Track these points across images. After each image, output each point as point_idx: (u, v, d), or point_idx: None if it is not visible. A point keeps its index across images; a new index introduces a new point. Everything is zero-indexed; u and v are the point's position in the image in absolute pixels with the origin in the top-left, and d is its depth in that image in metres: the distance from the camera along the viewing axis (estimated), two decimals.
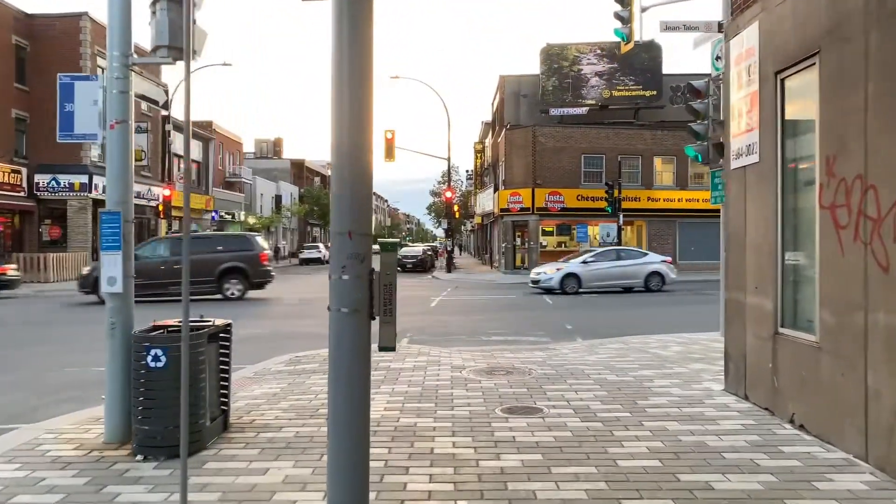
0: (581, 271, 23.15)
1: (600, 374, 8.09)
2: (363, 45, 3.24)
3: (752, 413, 6.20)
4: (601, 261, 23.73)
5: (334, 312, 3.24)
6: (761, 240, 6.36)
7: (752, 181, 6.56)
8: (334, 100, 3.23)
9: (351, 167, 3.23)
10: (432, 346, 10.83)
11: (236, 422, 6.07)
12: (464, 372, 8.32)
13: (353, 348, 3.24)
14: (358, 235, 3.23)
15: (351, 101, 3.22)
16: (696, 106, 12.07)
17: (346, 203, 3.23)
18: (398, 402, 6.75)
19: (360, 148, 3.23)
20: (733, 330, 7.03)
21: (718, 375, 7.91)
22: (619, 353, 9.77)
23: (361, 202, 3.26)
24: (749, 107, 6.60)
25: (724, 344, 7.29)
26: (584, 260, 23.93)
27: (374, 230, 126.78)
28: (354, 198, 3.24)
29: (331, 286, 3.26)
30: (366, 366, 3.31)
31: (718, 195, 12.00)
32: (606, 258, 23.98)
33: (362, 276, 3.24)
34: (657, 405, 6.55)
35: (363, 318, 3.25)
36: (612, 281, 23.20)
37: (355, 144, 3.23)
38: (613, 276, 23.31)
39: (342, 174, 3.23)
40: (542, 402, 6.72)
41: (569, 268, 23.41)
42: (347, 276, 3.22)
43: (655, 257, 24.87)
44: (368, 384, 3.37)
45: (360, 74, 3.23)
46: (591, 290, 22.84)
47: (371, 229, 3.34)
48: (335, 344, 3.26)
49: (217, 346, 5.80)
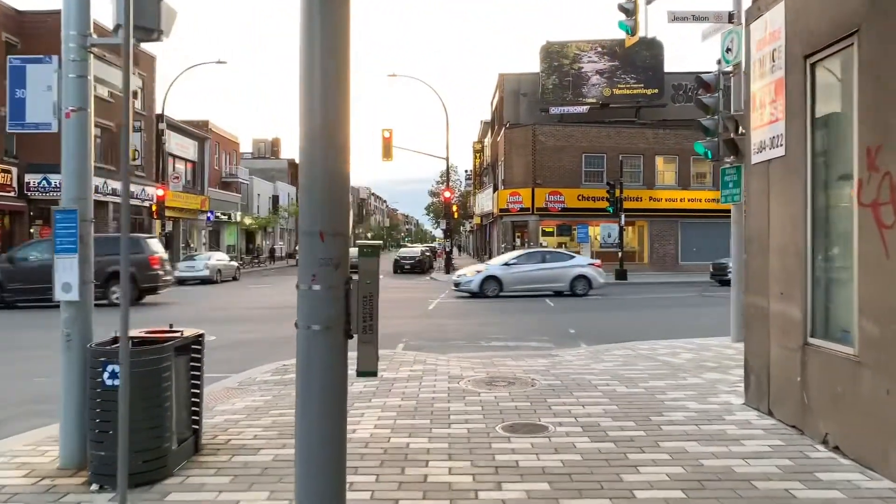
0: (502, 274, 22.10)
1: (608, 385, 7.53)
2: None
3: (779, 431, 5.64)
4: (525, 263, 22.60)
5: (303, 330, 2.68)
6: (787, 241, 5.80)
7: (777, 176, 5.99)
8: (303, 65, 2.68)
9: (323, 151, 2.66)
10: (429, 353, 10.27)
11: (210, 442, 5.50)
12: (462, 382, 7.75)
13: (326, 373, 2.67)
14: (331, 236, 2.66)
15: (324, 68, 2.66)
16: (706, 100, 11.51)
17: (317, 196, 2.67)
18: (390, 419, 6.18)
19: (334, 127, 2.67)
20: (754, 339, 6.46)
21: (736, 387, 7.35)
22: (626, 361, 9.20)
23: (336, 195, 2.69)
24: (773, 96, 6.03)
25: (744, 354, 6.72)
26: (506, 262, 22.83)
27: (373, 231, 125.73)
28: (327, 190, 2.67)
29: (299, 298, 2.70)
30: (340, 394, 2.75)
31: (729, 194, 11.45)
32: (531, 260, 22.82)
33: (336, 287, 2.68)
34: (673, 421, 5.99)
35: (337, 336, 2.69)
36: (535, 284, 22.07)
37: (329, 123, 2.67)
38: (536, 279, 22.16)
39: (312, 160, 2.67)
40: (547, 417, 6.15)
41: (489, 270, 22.46)
42: (319, 286, 2.65)
43: (583, 260, 23.69)
44: (344, 416, 2.81)
45: (335, 33, 2.66)
46: (514, 295, 21.77)
47: (348, 229, 2.77)
48: (304, 368, 2.70)
49: (188, 358, 5.23)
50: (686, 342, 11.15)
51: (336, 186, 2.67)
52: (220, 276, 31.66)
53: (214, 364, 9.66)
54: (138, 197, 35.96)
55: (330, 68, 2.64)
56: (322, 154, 2.65)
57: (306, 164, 2.67)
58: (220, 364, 9.75)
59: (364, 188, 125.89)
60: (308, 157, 2.67)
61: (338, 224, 2.67)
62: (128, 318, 3.25)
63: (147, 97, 37.89)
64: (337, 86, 2.65)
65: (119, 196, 34.01)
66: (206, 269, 30.42)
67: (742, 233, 11.67)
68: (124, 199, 3.01)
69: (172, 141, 40.25)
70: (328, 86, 2.64)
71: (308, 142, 2.66)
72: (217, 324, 15.00)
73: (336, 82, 2.64)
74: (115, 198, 33.77)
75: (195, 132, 44.51)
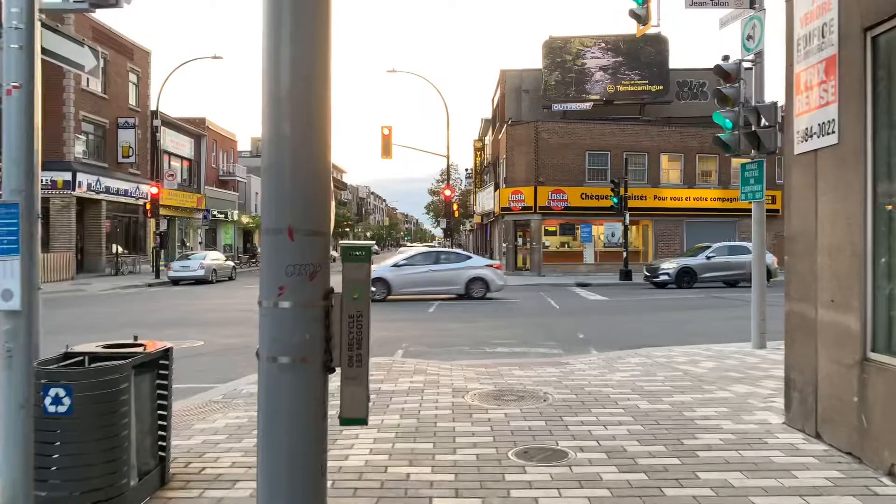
0: (390, 276, 20.86)
1: (629, 400, 6.81)
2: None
3: (833, 460, 4.92)
4: (417, 264, 21.43)
5: (266, 364, 1.97)
6: (841, 240, 5.08)
7: (828, 167, 5.28)
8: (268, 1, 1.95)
9: (295, 118, 1.95)
10: (430, 360, 9.56)
11: (180, 472, 4.79)
12: (467, 396, 7.04)
13: (297, 425, 1.96)
14: (305, 235, 1.95)
15: (295, 7, 1.93)
16: (725, 91, 10.77)
17: (287, 181, 1.95)
18: (388, 441, 5.47)
19: (309, 85, 1.95)
20: (798, 352, 5.74)
21: (770, 402, 6.65)
22: (644, 371, 8.49)
23: (311, 180, 1.98)
24: (822, 76, 5.32)
25: (785, 368, 6.01)
26: (396, 263, 21.63)
27: (372, 231, 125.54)
28: (300, 171, 1.96)
29: (261, 319, 1.99)
30: (318, 449, 2.03)
31: (750, 190, 10.74)
32: (425, 261, 21.66)
33: (312, 303, 1.97)
34: (709, 446, 5.27)
35: (313, 372, 1.98)
36: (426, 287, 20.93)
37: (302, 80, 1.95)
38: (428, 281, 20.98)
39: (279, 130, 1.96)
40: (566, 441, 5.44)
41: (377, 272, 21.13)
42: (287, 302, 1.95)
43: (480, 261, 22.39)
44: (323, 477, 2.09)
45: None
46: (403, 298, 20.84)
47: (328, 225, 2.06)
48: (268, 415, 1.99)
49: (153, 376, 4.51)
50: (703, 349, 10.45)
51: (312, 167, 1.95)
52: (216, 275, 30.94)
53: (199, 373, 8.97)
54: (132, 195, 35.24)
55: (304, 5, 1.93)
56: (293, 123, 1.93)
57: (271, 137, 1.95)
58: (205, 373, 9.05)
59: (363, 187, 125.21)
60: (274, 127, 1.96)
61: (314, 219, 1.96)
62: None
63: (142, 93, 37.16)
64: (313, 29, 1.94)
65: (112, 194, 33.29)
66: (202, 269, 29.70)
67: (763, 232, 11.00)
68: None
69: (168, 138, 39.53)
70: (301, 30, 1.93)
71: (273, 105, 1.95)
72: (207, 326, 14.29)
73: (311, 24, 1.93)
74: (108, 196, 33.05)
75: (191, 129, 43.77)
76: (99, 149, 33.36)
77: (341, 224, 77.95)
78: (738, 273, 25.64)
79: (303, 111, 1.93)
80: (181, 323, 15.22)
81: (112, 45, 33.91)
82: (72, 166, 30.15)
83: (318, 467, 1.96)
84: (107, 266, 33.09)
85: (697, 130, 35.83)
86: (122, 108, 35.04)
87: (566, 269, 34.30)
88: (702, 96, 39.11)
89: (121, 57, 35.04)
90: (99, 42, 32.77)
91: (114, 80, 34.22)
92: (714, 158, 35.87)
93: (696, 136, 35.72)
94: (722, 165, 35.83)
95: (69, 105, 30.49)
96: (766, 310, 10.48)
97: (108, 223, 33.92)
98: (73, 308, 18.70)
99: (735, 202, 35.43)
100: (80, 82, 31.06)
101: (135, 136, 34.83)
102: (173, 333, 12.94)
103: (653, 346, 11.00)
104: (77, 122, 30.96)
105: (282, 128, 1.93)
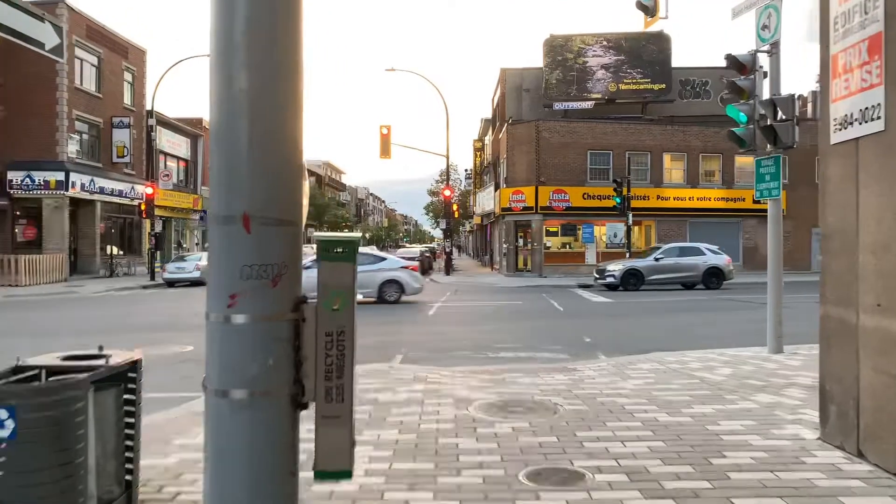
0: None
1: (646, 412, 6.30)
2: None
3: (881, 483, 4.41)
4: None
5: (213, 399, 1.45)
6: (888, 237, 4.58)
7: (871, 157, 4.77)
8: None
9: (251, 65, 1.43)
10: (430, 367, 9.04)
11: (152, 498, 4.27)
12: (471, 408, 6.52)
13: (256, 478, 1.44)
14: (265, 224, 1.45)
15: None
16: (740, 83, 10.27)
17: (241, 151, 1.44)
18: (385, 461, 4.95)
19: (272, 19, 1.44)
20: (835, 359, 5.23)
21: (800, 414, 6.14)
22: (658, 379, 7.98)
23: (274, 149, 1.46)
24: (865, 57, 4.81)
25: (819, 377, 5.49)
26: (303, 265, 20.89)
27: (371, 232, 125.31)
28: (259, 138, 1.44)
29: (207, 338, 1.47)
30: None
31: (766, 188, 10.24)
32: None
33: (277, 316, 1.47)
34: (741, 466, 4.76)
35: (278, 409, 1.47)
36: None
37: (266, 9, 1.43)
38: None
39: (232, 83, 1.46)
40: (581, 459, 4.92)
41: None
42: (243, 315, 1.44)
43: (394, 262, 21.02)
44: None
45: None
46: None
47: (300, 213, 1.54)
48: (216, 468, 1.47)
49: (119, 391, 3.99)
50: (717, 353, 9.94)
51: (277, 134, 1.44)
52: None
53: (184, 381, 8.44)
54: (127, 195, 34.73)
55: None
56: (251, 72, 1.42)
57: (221, 93, 1.45)
58: (191, 381, 8.50)
59: (362, 188, 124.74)
60: (225, 80, 1.45)
61: (279, 203, 1.45)
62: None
63: (137, 92, 36.65)
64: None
65: (107, 194, 32.76)
66: (197, 271, 29.11)
67: (780, 231, 10.48)
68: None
69: (164, 138, 39.00)
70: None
71: (224, 48, 1.44)
72: (198, 330, 13.70)
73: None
74: (102, 196, 32.53)
75: (188, 129, 43.24)
76: (93, 148, 32.83)
77: (340, 226, 77.32)
78: (688, 276, 24.95)
79: (265, 56, 1.43)
80: (172, 326, 14.69)
81: (106, 43, 33.42)
82: (65, 166, 29.63)
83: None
84: (101, 268, 32.56)
85: (700, 129, 35.36)
86: (117, 108, 34.52)
87: (568, 270, 33.78)
88: (704, 95, 38.65)
89: (115, 55, 34.53)
90: (93, 40, 32.28)
91: (108, 79, 33.71)
92: (717, 158, 35.39)
93: (699, 135, 35.25)
94: (725, 165, 35.35)
95: (62, 104, 29.96)
96: (782, 312, 9.98)
97: (103, 224, 33.39)
98: (62, 311, 18.18)
99: (739, 202, 34.96)
100: (73, 80, 30.55)
101: (130, 135, 34.30)
102: (163, 337, 12.42)
103: (662, 350, 10.50)
104: (70, 121, 30.44)
105: (236, 79, 1.42)
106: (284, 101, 1.46)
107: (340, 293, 1.52)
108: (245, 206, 1.42)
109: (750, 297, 20.69)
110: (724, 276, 25.04)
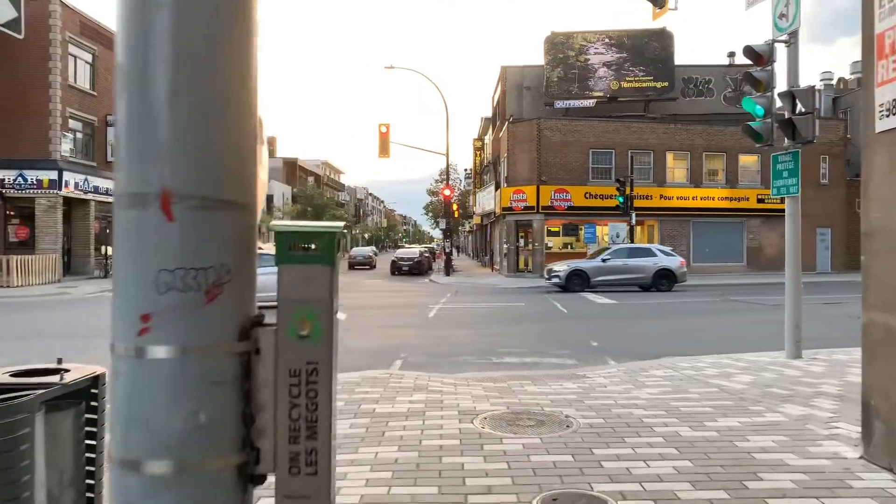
0: None
1: (666, 426, 5.80)
2: None
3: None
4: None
5: (119, 471, 0.95)
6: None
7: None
8: None
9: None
10: (432, 374, 8.54)
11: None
12: (476, 421, 6.02)
13: None
14: (195, 206, 0.94)
15: None
16: (757, 74, 9.78)
17: (158, 96, 0.93)
18: (383, 484, 4.45)
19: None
20: (881, 371, 4.74)
21: (834, 428, 5.64)
22: (674, 387, 7.48)
23: (212, 94, 0.96)
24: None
25: (862, 390, 5.00)
26: None
27: (370, 233, 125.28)
28: (187, 76, 0.94)
29: (112, 380, 0.97)
30: None
31: (784, 185, 9.75)
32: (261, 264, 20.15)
33: (215, 347, 0.95)
34: (779, 490, 4.26)
35: (220, 487, 0.96)
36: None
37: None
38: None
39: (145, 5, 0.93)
40: (601, 483, 4.42)
41: None
42: (163, 348, 0.92)
43: None
44: None
45: None
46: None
47: (252, 192, 1.04)
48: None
49: (78, 411, 3.48)
50: (734, 359, 9.45)
51: (216, 71, 0.95)
52: None
53: None
54: None
55: None
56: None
57: (131, 8, 0.95)
58: None
59: (361, 188, 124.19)
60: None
61: (219, 176, 0.95)
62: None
63: None
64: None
65: (101, 194, 32.24)
66: None
67: (798, 230, 9.96)
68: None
69: None
70: None
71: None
72: None
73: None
74: (96, 195, 32.01)
75: None
76: (87, 147, 32.29)
77: None
78: (636, 277, 24.32)
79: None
80: None
81: (101, 40, 32.88)
82: (58, 165, 29.08)
83: None
84: (95, 268, 32.02)
85: (704, 128, 34.89)
86: (112, 105, 33.99)
87: None
88: (707, 93, 38.18)
89: (110, 52, 33.96)
90: (87, 37, 31.76)
91: (102, 76, 33.17)
92: (721, 157, 34.92)
93: (703, 133, 34.78)
94: (729, 164, 34.88)
95: (55, 101, 29.42)
96: (802, 315, 9.49)
97: (97, 224, 32.84)
98: (52, 312, 17.67)
99: (742, 202, 34.50)
100: (66, 78, 30.03)
101: None
102: None
103: (673, 354, 10.02)
104: (63, 119, 29.90)
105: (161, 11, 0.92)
106: (228, 21, 0.96)
107: (310, 312, 1.03)
108: (165, 180, 0.91)
109: (752, 298, 20.23)
110: (675, 278, 24.35)
